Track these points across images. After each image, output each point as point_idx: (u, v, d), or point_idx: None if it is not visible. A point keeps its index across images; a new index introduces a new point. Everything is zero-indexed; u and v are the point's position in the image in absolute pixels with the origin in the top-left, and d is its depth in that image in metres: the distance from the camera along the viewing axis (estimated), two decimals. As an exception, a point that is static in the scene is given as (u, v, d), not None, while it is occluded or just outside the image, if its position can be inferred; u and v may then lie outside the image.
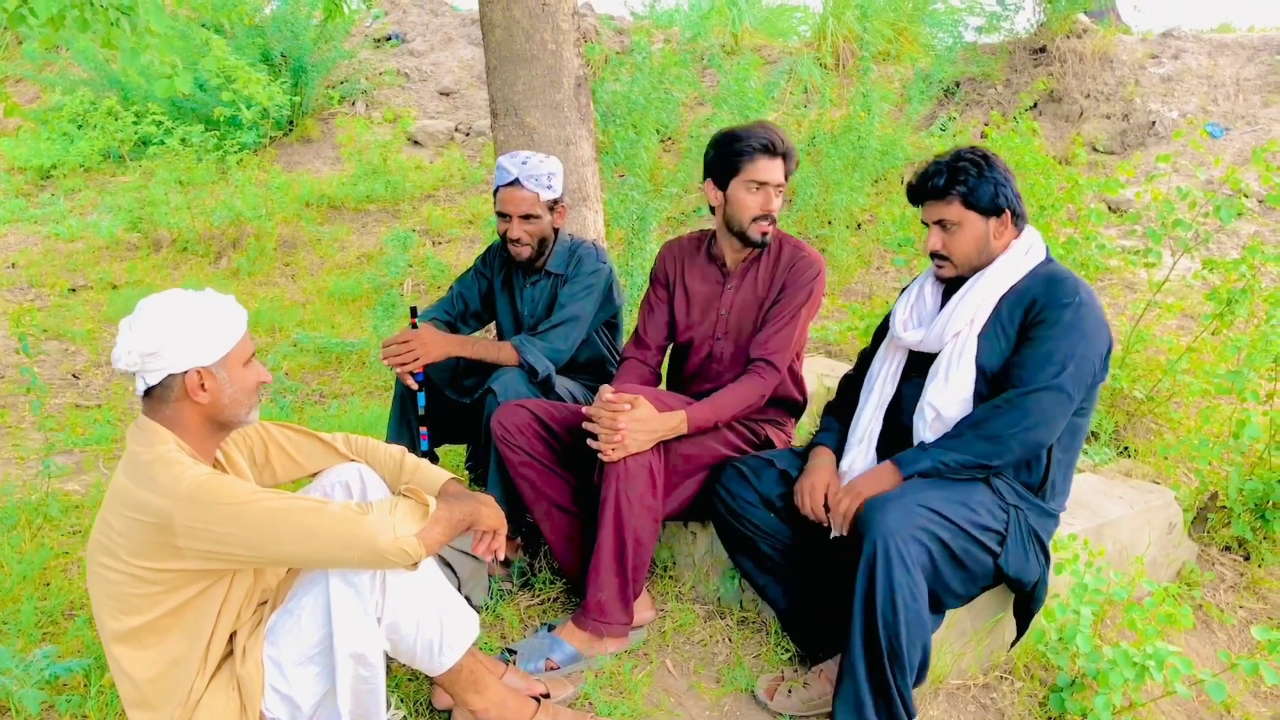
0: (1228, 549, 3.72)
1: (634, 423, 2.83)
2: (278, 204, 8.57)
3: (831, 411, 3.07)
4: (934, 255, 2.75)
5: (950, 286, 2.80)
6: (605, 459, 2.83)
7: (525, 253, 3.41)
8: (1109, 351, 2.60)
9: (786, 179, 3.03)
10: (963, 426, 2.58)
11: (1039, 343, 2.54)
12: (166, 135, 8.42)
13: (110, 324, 6.58)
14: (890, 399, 2.82)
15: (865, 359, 3.04)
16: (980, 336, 2.64)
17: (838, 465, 2.84)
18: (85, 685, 2.71)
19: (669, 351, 3.37)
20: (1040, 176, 5.30)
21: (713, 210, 3.14)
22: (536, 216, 3.36)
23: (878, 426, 2.81)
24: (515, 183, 3.32)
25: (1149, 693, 2.77)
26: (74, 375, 5.71)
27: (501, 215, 3.38)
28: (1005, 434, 2.50)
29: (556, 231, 3.51)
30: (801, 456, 2.96)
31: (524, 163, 3.32)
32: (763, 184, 2.99)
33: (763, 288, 3.11)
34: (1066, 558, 2.79)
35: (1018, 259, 2.68)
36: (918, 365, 2.78)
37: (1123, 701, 2.62)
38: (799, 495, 2.77)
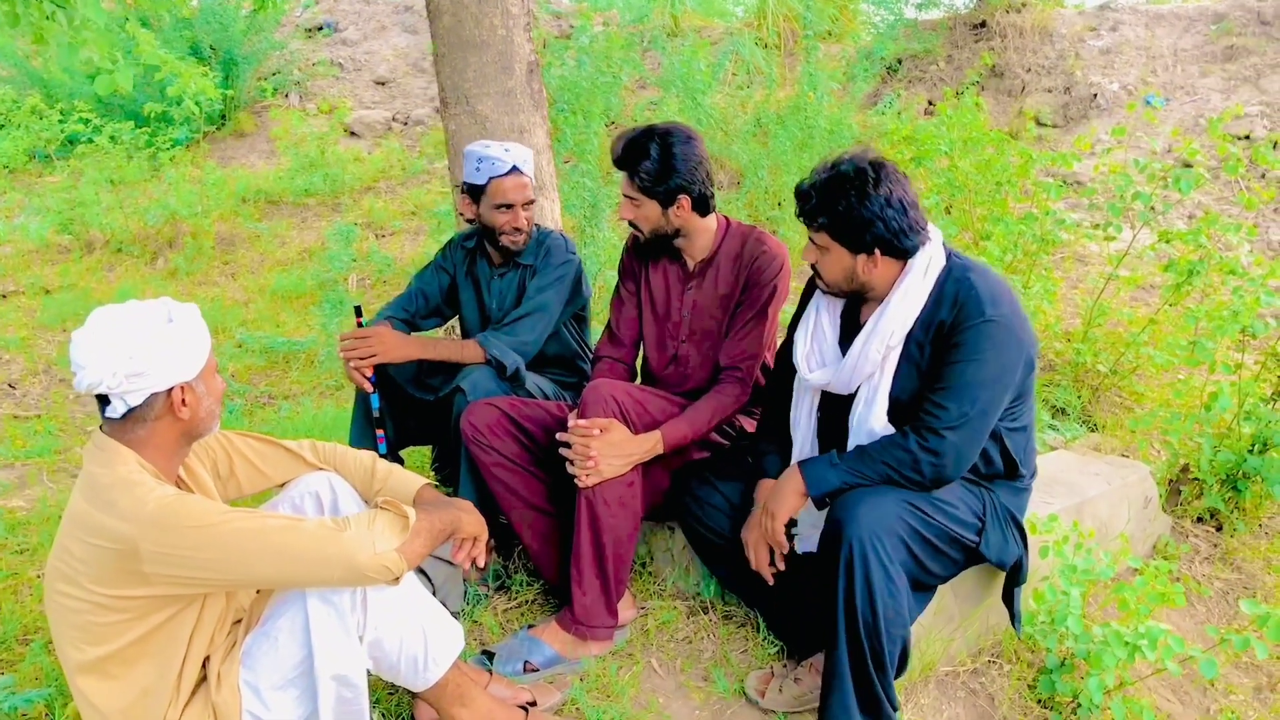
0: (1200, 520, 3.73)
1: (607, 448, 2.75)
2: (213, 201, 8.31)
3: (764, 435, 2.92)
4: (812, 266, 2.57)
5: (848, 316, 2.64)
6: (580, 484, 2.76)
7: (524, 240, 3.34)
8: (1029, 359, 2.45)
9: (636, 193, 2.91)
10: (876, 450, 2.45)
11: (948, 376, 2.39)
12: (95, 133, 8.13)
13: (45, 330, 6.32)
14: (817, 426, 2.71)
15: (775, 377, 2.91)
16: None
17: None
18: (48, 716, 2.57)
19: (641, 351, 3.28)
20: (995, 152, 5.31)
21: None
22: (533, 202, 3.31)
23: (814, 449, 2.72)
24: (514, 170, 3.23)
25: (1138, 672, 2.75)
26: (9, 385, 5.48)
27: (503, 207, 3.25)
28: (913, 466, 2.39)
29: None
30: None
31: (507, 150, 3.24)
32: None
33: (725, 285, 3.01)
34: (1055, 539, 2.76)
35: (916, 284, 2.44)
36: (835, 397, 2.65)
37: (1113, 681, 2.60)
38: (746, 549, 2.68)
